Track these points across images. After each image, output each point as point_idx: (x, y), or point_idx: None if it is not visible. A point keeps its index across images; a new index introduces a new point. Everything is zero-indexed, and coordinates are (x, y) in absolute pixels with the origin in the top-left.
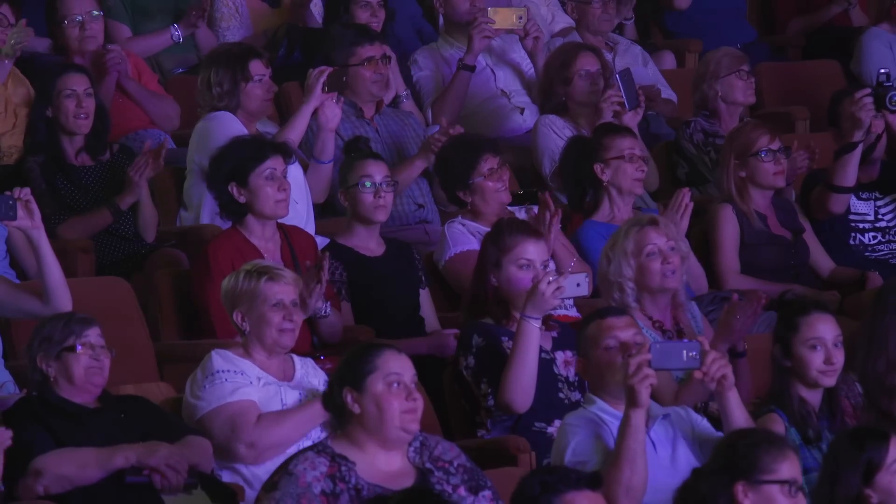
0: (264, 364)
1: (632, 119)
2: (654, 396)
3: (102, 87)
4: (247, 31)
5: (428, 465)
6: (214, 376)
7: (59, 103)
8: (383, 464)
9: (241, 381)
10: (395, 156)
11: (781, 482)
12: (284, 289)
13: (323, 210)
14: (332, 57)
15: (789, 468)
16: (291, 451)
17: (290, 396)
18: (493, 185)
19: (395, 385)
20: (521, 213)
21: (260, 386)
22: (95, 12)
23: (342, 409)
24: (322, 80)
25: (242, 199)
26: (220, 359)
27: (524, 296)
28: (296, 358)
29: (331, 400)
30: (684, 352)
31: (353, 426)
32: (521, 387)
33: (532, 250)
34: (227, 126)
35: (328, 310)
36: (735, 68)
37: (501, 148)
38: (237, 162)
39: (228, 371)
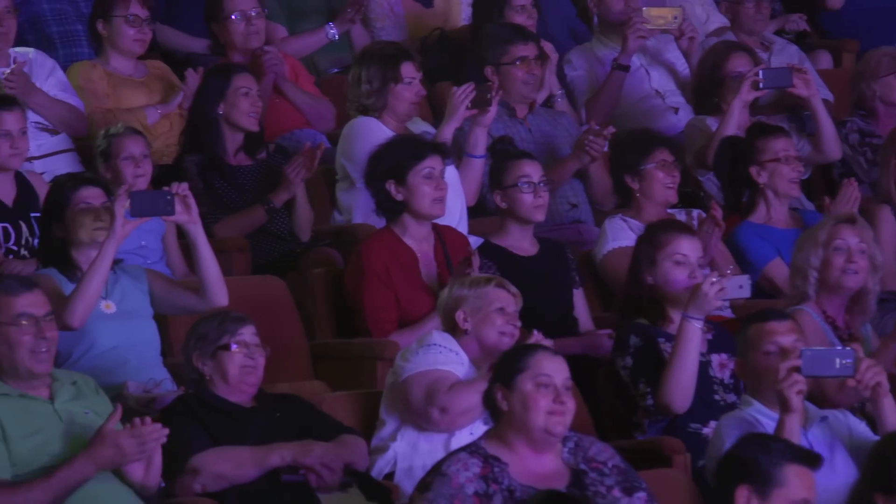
0: (477, 362)
1: None
2: (813, 396)
3: (260, 88)
4: (401, 30)
5: (582, 467)
6: (430, 347)
7: (234, 101)
8: (535, 465)
9: (453, 358)
10: (548, 156)
11: None
12: (509, 298)
13: (475, 210)
14: (485, 55)
15: None
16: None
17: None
18: (663, 177)
19: (545, 386)
20: (680, 216)
21: (469, 369)
22: (259, 9)
23: (494, 406)
24: (466, 101)
25: (399, 197)
26: (440, 336)
27: (679, 294)
28: None
29: (488, 397)
30: (837, 359)
31: (503, 425)
32: (681, 387)
33: (686, 246)
34: (371, 131)
35: None
36: (894, 69)
37: (677, 151)
38: (396, 160)
39: (444, 346)
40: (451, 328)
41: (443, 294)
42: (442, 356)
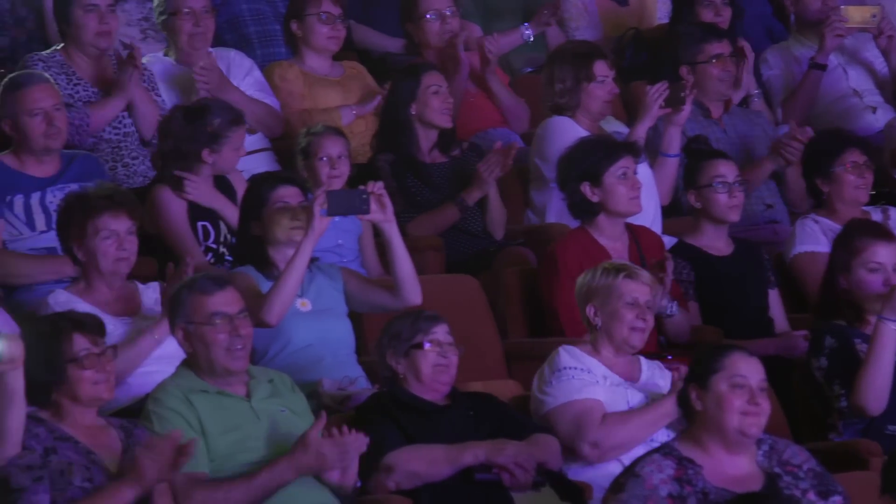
0: (611, 363)
1: None
2: None
3: (454, 83)
4: (596, 30)
5: (777, 470)
6: (562, 373)
7: (425, 99)
8: (730, 467)
9: (587, 378)
10: (744, 156)
11: None
12: (641, 288)
13: (669, 209)
14: (680, 55)
15: None
16: (638, 451)
17: (635, 397)
18: (853, 179)
19: (740, 387)
20: (876, 214)
21: (606, 385)
22: (454, 9)
23: (688, 406)
24: (660, 100)
25: (595, 199)
26: (568, 355)
27: (875, 298)
28: (643, 360)
29: (682, 396)
30: None
31: (697, 426)
32: (876, 389)
33: (882, 253)
34: (566, 131)
35: (674, 309)
36: None
37: (871, 150)
38: (590, 162)
39: (575, 368)
40: (588, 323)
41: (577, 285)
42: (576, 381)
